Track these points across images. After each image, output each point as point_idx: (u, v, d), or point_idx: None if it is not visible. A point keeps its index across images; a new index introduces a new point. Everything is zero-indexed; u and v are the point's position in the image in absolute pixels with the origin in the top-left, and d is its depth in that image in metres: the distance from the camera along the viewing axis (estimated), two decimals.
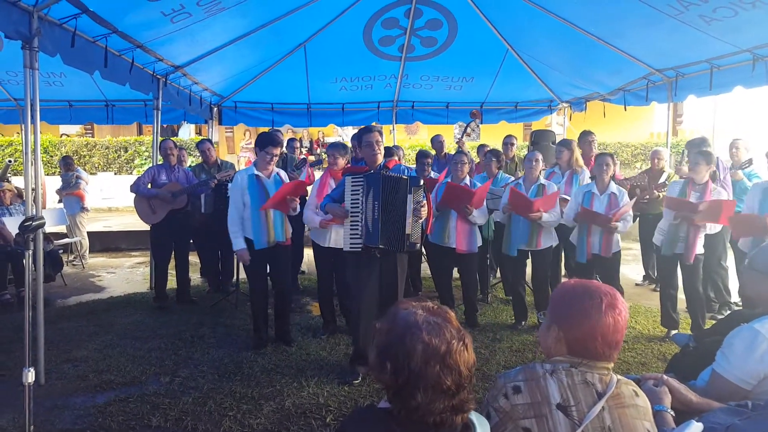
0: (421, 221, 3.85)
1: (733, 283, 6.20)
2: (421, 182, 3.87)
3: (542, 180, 5.16)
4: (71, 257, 8.29)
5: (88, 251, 8.45)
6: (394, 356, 1.26)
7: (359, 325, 3.99)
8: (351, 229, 3.93)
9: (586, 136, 6.30)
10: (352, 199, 3.93)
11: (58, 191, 8.48)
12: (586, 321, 1.54)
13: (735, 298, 5.72)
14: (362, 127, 4.27)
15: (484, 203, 5.18)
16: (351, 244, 3.93)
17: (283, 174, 4.73)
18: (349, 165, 4.97)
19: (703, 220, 4.57)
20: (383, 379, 1.28)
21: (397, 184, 3.82)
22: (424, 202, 3.87)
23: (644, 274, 6.88)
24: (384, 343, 1.29)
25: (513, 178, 5.74)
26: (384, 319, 1.34)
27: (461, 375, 1.26)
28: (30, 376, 2.71)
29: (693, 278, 4.77)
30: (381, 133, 4.04)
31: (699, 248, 4.67)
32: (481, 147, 7.38)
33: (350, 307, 4.45)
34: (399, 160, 5.23)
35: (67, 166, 8.54)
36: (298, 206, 4.63)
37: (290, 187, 4.53)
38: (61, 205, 8.54)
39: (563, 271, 6.17)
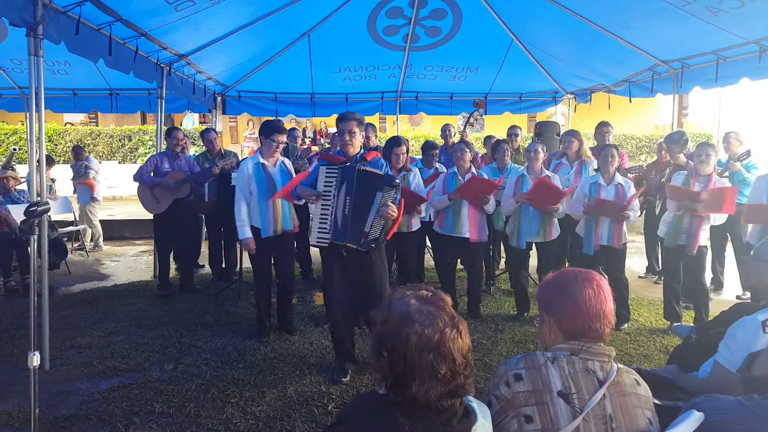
0: (383, 222, 3.68)
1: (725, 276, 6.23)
2: (396, 182, 3.70)
3: (546, 171, 5.16)
4: (76, 245, 8.34)
5: (102, 238, 8.56)
6: (390, 347, 1.29)
7: (337, 322, 3.96)
8: (320, 222, 3.77)
9: (601, 128, 6.13)
10: (324, 191, 3.76)
11: (73, 180, 8.60)
12: (568, 298, 1.60)
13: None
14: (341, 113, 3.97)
15: None
16: (318, 238, 3.77)
17: (288, 163, 4.70)
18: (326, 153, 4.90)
19: (707, 210, 4.53)
20: (381, 368, 1.31)
21: (371, 179, 3.65)
22: (394, 206, 3.70)
23: (647, 265, 6.88)
24: (380, 335, 1.32)
25: (521, 168, 5.70)
26: (380, 310, 1.36)
27: (455, 362, 1.28)
28: (35, 359, 2.72)
29: (697, 270, 4.75)
30: (361, 123, 3.82)
31: (703, 240, 4.65)
32: (487, 138, 7.35)
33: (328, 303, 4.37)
34: (407, 151, 5.15)
35: (76, 155, 8.67)
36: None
37: (300, 180, 4.49)
38: (66, 194, 8.62)
39: (566, 264, 6.15)
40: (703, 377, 2.16)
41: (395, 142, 5.09)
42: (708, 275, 5.14)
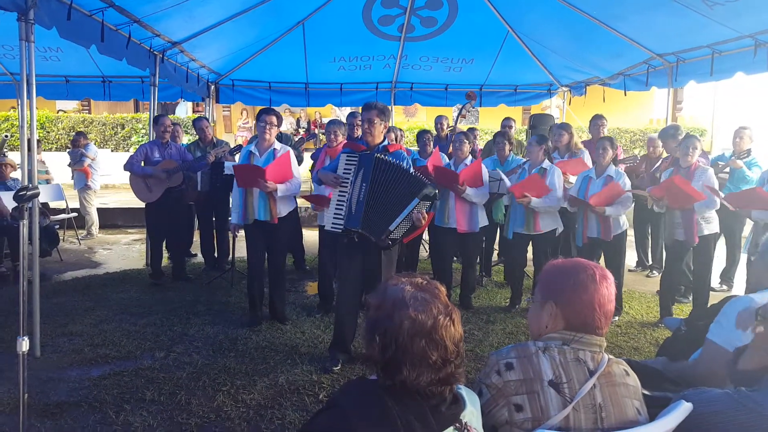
0: (408, 227, 3.71)
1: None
2: (435, 193, 3.72)
3: (545, 164, 5.15)
4: (69, 232, 8.30)
5: (95, 227, 8.52)
6: (383, 332, 1.29)
7: (339, 311, 3.99)
8: (336, 208, 3.80)
9: (596, 120, 6.15)
10: (343, 177, 3.81)
11: (69, 166, 8.60)
12: (584, 292, 1.58)
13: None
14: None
15: (485, 183, 5.09)
16: (333, 223, 3.81)
17: (283, 151, 4.54)
18: (345, 141, 4.89)
19: (677, 206, 4.52)
20: (372, 353, 1.31)
21: (408, 180, 3.66)
22: (426, 215, 3.72)
23: (637, 259, 6.91)
24: (373, 319, 1.33)
25: (525, 160, 5.67)
26: (374, 295, 1.37)
27: (447, 350, 1.29)
28: (24, 344, 2.70)
29: (702, 262, 4.74)
30: (382, 112, 3.82)
31: (704, 229, 4.62)
32: (470, 131, 7.33)
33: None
34: (396, 140, 5.12)
35: (73, 142, 8.66)
36: (281, 189, 4.44)
37: (245, 168, 4.45)
38: (61, 180, 8.59)
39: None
40: (693, 359, 2.17)
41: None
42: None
